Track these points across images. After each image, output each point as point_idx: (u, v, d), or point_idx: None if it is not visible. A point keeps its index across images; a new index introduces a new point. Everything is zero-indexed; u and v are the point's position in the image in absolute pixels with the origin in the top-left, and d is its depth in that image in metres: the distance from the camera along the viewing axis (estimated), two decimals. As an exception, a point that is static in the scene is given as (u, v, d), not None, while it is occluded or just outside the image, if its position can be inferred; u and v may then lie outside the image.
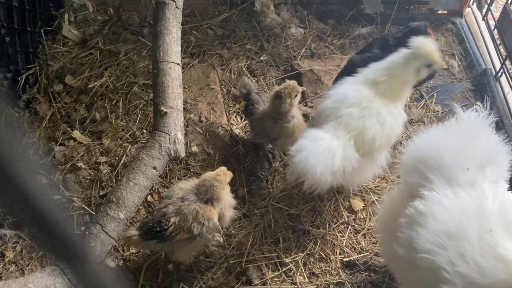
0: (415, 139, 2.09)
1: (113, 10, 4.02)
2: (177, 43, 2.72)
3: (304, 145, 2.33)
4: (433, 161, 1.89)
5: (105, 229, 2.22)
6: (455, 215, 1.71)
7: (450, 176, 1.83)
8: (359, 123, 2.44)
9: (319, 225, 2.73)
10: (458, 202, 1.75)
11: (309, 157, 2.27)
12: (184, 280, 2.50)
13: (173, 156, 2.45)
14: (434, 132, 2.06)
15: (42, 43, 3.65)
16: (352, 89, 2.57)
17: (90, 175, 2.93)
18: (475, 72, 3.64)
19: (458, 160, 1.85)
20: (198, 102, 3.37)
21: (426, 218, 1.74)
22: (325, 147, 2.33)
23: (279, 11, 4.02)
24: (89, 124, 3.20)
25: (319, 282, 2.51)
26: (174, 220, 2.21)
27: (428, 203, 1.79)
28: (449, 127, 2.03)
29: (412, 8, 4.20)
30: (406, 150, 2.11)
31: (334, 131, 2.43)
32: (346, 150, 2.39)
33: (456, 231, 1.66)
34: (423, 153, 1.96)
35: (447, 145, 1.92)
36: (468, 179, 1.82)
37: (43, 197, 0.65)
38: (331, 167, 2.31)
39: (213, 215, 2.27)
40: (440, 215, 1.73)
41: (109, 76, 3.46)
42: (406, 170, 2.06)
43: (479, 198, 1.73)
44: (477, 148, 1.89)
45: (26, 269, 2.56)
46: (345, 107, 2.49)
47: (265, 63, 3.68)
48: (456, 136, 1.96)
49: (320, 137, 2.38)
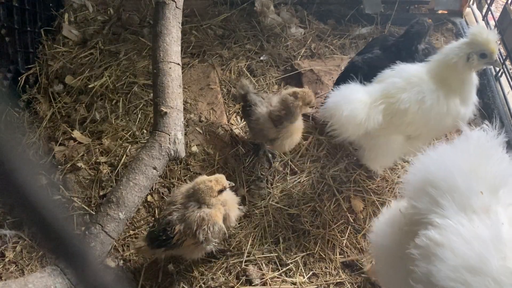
0: (422, 157, 1.93)
1: (113, 10, 4.02)
2: (177, 43, 2.72)
3: (341, 90, 2.59)
4: (444, 183, 1.75)
5: (105, 229, 2.21)
6: (474, 247, 1.58)
7: (464, 201, 1.70)
8: (397, 92, 2.51)
9: (319, 225, 2.73)
10: (474, 232, 1.63)
11: (340, 100, 2.52)
12: (184, 280, 2.50)
13: (173, 156, 2.45)
14: (443, 151, 1.90)
15: (42, 43, 3.65)
16: (413, 67, 2.63)
17: (90, 175, 2.93)
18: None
19: (471, 183, 1.73)
20: (198, 102, 3.37)
21: (444, 251, 1.60)
22: (355, 97, 2.52)
23: (279, 11, 4.02)
24: (89, 124, 3.20)
25: (319, 282, 2.51)
26: (178, 228, 2.23)
27: (444, 233, 1.65)
28: (458, 146, 1.89)
29: (412, 8, 4.20)
30: (412, 169, 1.96)
31: (371, 90, 2.59)
32: (372, 109, 2.51)
33: (477, 265, 1.55)
34: (432, 174, 1.81)
35: (458, 166, 1.78)
36: (483, 204, 1.69)
37: (43, 197, 0.64)
38: (354, 117, 2.48)
39: (218, 219, 2.28)
40: (459, 247, 1.59)
41: (109, 76, 3.46)
42: (414, 193, 1.90)
43: (494, 225, 1.63)
44: (489, 170, 1.77)
45: (26, 269, 2.55)
46: (394, 76, 2.58)
47: (265, 63, 3.68)
48: (467, 157, 1.82)
49: (357, 89, 2.58)
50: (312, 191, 2.88)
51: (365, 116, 2.49)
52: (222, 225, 2.29)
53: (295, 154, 3.06)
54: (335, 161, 3.02)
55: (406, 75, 2.57)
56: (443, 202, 1.71)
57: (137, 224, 2.73)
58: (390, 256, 1.96)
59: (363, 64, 3.02)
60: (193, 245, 2.29)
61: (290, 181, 2.93)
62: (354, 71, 3.04)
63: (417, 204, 1.82)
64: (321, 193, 2.87)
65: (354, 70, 3.05)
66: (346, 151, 3.09)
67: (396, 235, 1.95)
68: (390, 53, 3.01)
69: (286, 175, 2.97)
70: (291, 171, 2.99)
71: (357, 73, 3.01)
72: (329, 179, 2.92)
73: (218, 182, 2.31)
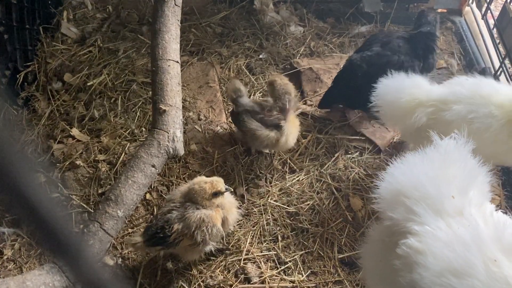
0: (391, 170, 1.93)
1: (112, 8, 4.01)
2: (176, 41, 2.71)
3: (399, 78, 2.56)
4: (416, 192, 1.76)
5: (103, 227, 2.21)
6: (456, 249, 1.58)
7: (438, 206, 1.72)
8: (452, 102, 2.38)
9: (317, 223, 2.73)
10: (453, 234, 1.64)
11: (393, 88, 2.54)
12: (182, 278, 2.50)
13: (172, 154, 2.45)
14: (410, 161, 1.92)
15: (40, 40, 3.64)
16: (501, 87, 2.44)
17: (88, 173, 2.93)
18: (474, 71, 3.64)
19: (441, 189, 1.75)
20: (197, 100, 3.37)
21: (426, 257, 1.60)
22: (410, 91, 2.50)
23: (278, 9, 4.02)
24: (87, 122, 3.20)
25: (318, 280, 2.51)
26: (177, 227, 2.23)
27: (423, 239, 1.65)
28: (427, 155, 1.91)
29: (412, 6, 4.20)
30: (382, 182, 1.94)
31: (431, 90, 2.51)
32: (420, 108, 2.46)
33: (461, 267, 1.54)
34: (402, 184, 1.83)
35: (427, 173, 1.81)
36: (456, 207, 1.71)
37: (42, 195, 0.64)
38: (398, 109, 2.50)
39: (217, 221, 2.28)
40: (440, 251, 1.59)
41: (108, 74, 3.45)
42: (388, 205, 1.90)
43: (472, 226, 1.64)
44: (457, 174, 1.80)
45: (25, 267, 2.55)
46: (463, 85, 2.43)
47: (264, 61, 3.67)
48: (434, 164, 1.86)
49: (415, 83, 2.54)
50: (310, 190, 2.88)
51: (409, 112, 2.45)
52: (221, 228, 2.30)
53: (294, 153, 3.05)
54: (334, 159, 3.02)
55: (476, 90, 2.38)
56: (418, 209, 1.72)
57: (135, 222, 2.73)
58: (380, 273, 1.94)
59: (362, 62, 3.01)
60: (189, 246, 2.29)
61: (289, 179, 2.93)
62: (352, 69, 3.04)
63: (393, 215, 1.82)
64: (320, 192, 2.87)
65: (352, 68, 3.04)
66: (345, 149, 3.09)
67: (381, 251, 1.94)
68: (394, 50, 3.00)
69: (285, 173, 2.97)
70: (290, 170, 2.99)
71: (356, 71, 3.01)
72: (327, 178, 2.93)
73: (213, 185, 2.29)
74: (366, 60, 2.99)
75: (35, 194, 0.63)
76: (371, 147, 3.10)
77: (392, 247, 1.77)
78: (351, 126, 3.22)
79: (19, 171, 0.61)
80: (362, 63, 2.99)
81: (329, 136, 3.16)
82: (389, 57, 2.95)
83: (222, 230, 2.31)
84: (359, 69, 2.99)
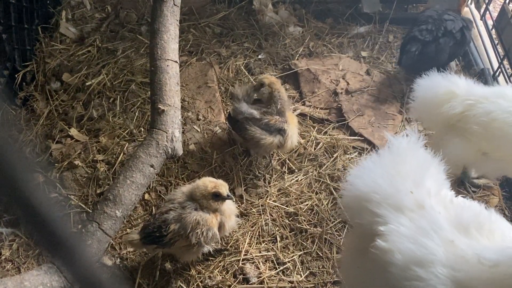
0: (348, 178, 1.97)
1: (111, 8, 4.01)
2: (175, 41, 2.71)
3: (440, 75, 2.67)
4: (375, 195, 1.79)
5: (102, 227, 2.21)
6: (417, 240, 1.62)
7: (398, 204, 1.74)
8: (489, 100, 2.44)
9: (316, 223, 2.73)
10: (415, 227, 1.67)
11: (431, 83, 2.65)
12: (181, 278, 2.50)
13: (171, 154, 2.44)
14: (365, 166, 1.96)
15: (39, 40, 3.63)
16: None
17: (87, 173, 2.92)
18: (473, 71, 3.65)
19: (398, 186, 1.78)
20: (196, 100, 3.36)
21: (392, 254, 1.63)
22: (446, 84, 2.60)
23: (277, 9, 4.02)
24: (86, 122, 3.19)
25: (316, 280, 2.51)
26: (173, 227, 2.23)
27: (389, 238, 1.68)
28: (380, 156, 1.95)
29: (410, 7, 4.21)
30: (343, 191, 1.99)
31: (473, 89, 2.57)
32: (456, 100, 2.52)
33: (423, 255, 1.57)
34: (361, 190, 1.86)
35: (380, 174, 1.84)
36: (416, 202, 1.74)
37: (40, 195, 0.64)
38: (434, 99, 2.60)
39: (213, 225, 2.27)
40: (404, 245, 1.62)
41: (107, 74, 3.45)
42: (354, 212, 1.94)
43: (431, 215, 1.67)
44: (410, 168, 1.84)
45: (23, 267, 2.55)
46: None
47: (263, 61, 3.67)
48: (389, 163, 1.89)
49: (452, 82, 2.62)
50: (309, 190, 2.88)
51: (445, 102, 2.54)
52: (216, 232, 2.30)
53: (293, 153, 3.05)
54: (332, 160, 3.02)
55: None
56: (380, 211, 1.76)
57: (134, 222, 2.73)
58: (360, 281, 1.95)
59: (421, 34, 3.34)
60: (184, 247, 2.29)
61: (288, 179, 2.93)
62: (415, 42, 3.33)
63: (360, 220, 1.86)
64: (319, 192, 2.87)
65: (415, 41, 3.34)
66: (344, 149, 3.09)
67: (357, 258, 1.95)
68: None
69: (284, 173, 2.97)
70: (288, 170, 2.99)
71: (418, 44, 3.33)
72: (326, 178, 2.93)
73: (215, 186, 2.28)
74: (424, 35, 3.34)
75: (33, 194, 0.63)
76: (370, 148, 3.10)
77: (365, 253, 1.79)
78: (349, 126, 3.23)
79: (18, 171, 0.60)
80: (423, 37, 3.32)
81: (328, 136, 3.16)
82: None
83: (217, 234, 2.31)
84: (421, 43, 3.33)
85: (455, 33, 3.34)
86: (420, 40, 3.34)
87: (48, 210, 0.66)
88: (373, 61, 3.75)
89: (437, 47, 3.33)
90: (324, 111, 3.33)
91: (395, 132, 3.18)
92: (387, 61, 3.73)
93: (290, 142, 2.76)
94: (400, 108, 3.36)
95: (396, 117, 3.30)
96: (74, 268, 0.75)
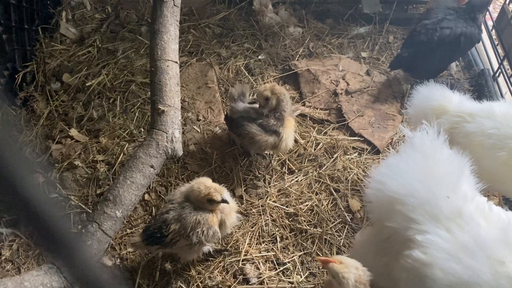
0: (377, 176, 1.86)
1: (111, 8, 4.01)
2: (175, 41, 2.71)
3: (437, 87, 2.67)
4: (411, 199, 1.70)
5: (102, 227, 2.21)
6: (462, 260, 1.52)
7: (436, 211, 1.65)
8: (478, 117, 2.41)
9: (316, 224, 2.73)
10: (456, 242, 1.57)
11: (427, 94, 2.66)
12: (181, 278, 2.50)
13: (171, 155, 2.45)
14: (394, 165, 1.85)
15: (39, 41, 3.64)
16: None
17: (87, 173, 2.92)
18: (473, 72, 3.65)
19: (434, 191, 1.68)
20: (196, 100, 3.36)
21: (433, 271, 1.54)
22: (440, 98, 2.59)
23: (277, 10, 4.02)
24: (86, 122, 3.19)
25: (316, 281, 2.51)
26: (174, 227, 2.23)
27: (428, 251, 1.59)
28: (406, 156, 1.84)
29: (411, 8, 4.21)
30: (371, 191, 1.87)
31: (464, 105, 2.55)
32: (446, 116, 2.52)
33: (470, 278, 1.48)
34: (394, 191, 1.75)
35: (413, 176, 1.74)
36: (453, 208, 1.65)
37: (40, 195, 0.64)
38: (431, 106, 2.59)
39: (213, 223, 2.27)
40: (447, 263, 1.53)
41: (107, 75, 3.45)
42: (383, 214, 1.83)
43: (473, 229, 1.57)
44: (444, 170, 1.74)
45: (23, 267, 2.55)
46: (500, 107, 2.44)
47: (263, 62, 3.68)
48: (418, 164, 1.78)
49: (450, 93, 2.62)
50: (309, 190, 2.88)
51: (436, 117, 2.49)
52: (217, 230, 2.30)
53: (293, 153, 3.06)
54: (332, 160, 3.03)
55: (508, 112, 2.38)
56: (416, 217, 1.66)
57: (134, 222, 2.73)
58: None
59: (432, 25, 3.29)
60: (186, 246, 2.30)
61: (288, 180, 2.93)
62: (424, 32, 3.29)
63: (392, 224, 1.75)
64: (319, 192, 2.87)
65: (425, 30, 3.30)
66: (344, 150, 3.09)
67: (373, 254, 1.89)
68: (450, 19, 3.27)
69: (284, 174, 2.97)
70: (288, 170, 2.99)
71: (426, 34, 3.27)
72: (326, 178, 2.93)
73: (209, 193, 2.22)
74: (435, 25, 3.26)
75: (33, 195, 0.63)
76: (370, 148, 3.10)
77: (386, 251, 1.73)
78: (349, 127, 3.23)
79: (18, 171, 0.60)
80: (433, 26, 3.26)
81: (327, 137, 3.16)
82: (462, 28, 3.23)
83: (218, 232, 2.31)
84: (430, 32, 3.25)
85: (451, 41, 3.23)
86: (414, 44, 3.29)
87: (48, 211, 0.66)
88: (373, 61, 3.75)
89: (430, 52, 3.26)
90: (324, 111, 3.33)
91: (395, 133, 3.18)
92: (387, 61, 3.73)
93: (284, 144, 2.75)
94: (400, 109, 3.36)
95: (396, 118, 3.30)
96: (74, 268, 0.75)
